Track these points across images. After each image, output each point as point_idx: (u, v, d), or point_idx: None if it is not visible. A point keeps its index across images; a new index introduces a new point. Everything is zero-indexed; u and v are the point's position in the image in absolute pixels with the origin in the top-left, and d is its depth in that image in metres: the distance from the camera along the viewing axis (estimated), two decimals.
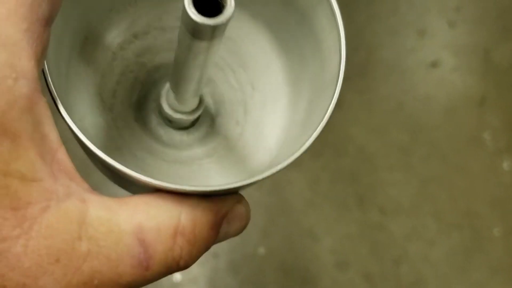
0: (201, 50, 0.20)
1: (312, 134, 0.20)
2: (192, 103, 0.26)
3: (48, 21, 0.17)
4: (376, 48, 0.72)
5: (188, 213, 0.19)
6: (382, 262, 0.63)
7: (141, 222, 0.18)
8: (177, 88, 0.24)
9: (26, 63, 0.16)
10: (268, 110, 0.27)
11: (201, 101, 0.26)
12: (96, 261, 0.17)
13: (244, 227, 0.22)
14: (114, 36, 0.27)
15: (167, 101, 0.26)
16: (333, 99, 0.20)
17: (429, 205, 0.65)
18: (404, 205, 0.65)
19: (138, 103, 0.28)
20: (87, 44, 0.26)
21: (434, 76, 0.71)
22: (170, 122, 0.27)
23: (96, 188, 0.18)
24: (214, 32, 0.18)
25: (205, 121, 0.28)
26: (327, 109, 0.20)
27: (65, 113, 0.19)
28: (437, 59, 0.71)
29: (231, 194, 0.21)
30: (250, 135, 0.28)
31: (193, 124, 0.28)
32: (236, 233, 0.22)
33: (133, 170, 0.19)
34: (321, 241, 0.63)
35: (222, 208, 0.20)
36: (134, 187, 0.21)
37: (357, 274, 0.62)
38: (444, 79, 0.71)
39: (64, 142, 0.18)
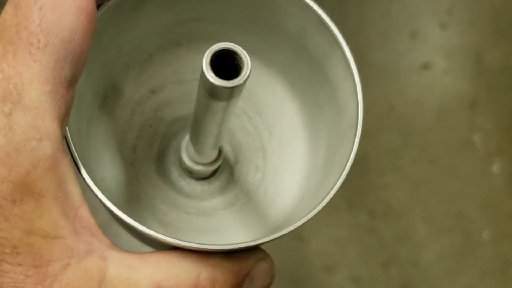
0: (219, 109, 0.20)
1: (330, 191, 0.21)
2: (212, 154, 0.26)
3: (71, 83, 0.18)
4: (368, 50, 0.72)
5: (208, 273, 0.19)
6: (371, 265, 0.62)
7: (161, 281, 0.18)
8: (197, 143, 0.25)
9: (49, 125, 0.17)
10: (287, 155, 0.28)
11: (220, 152, 0.27)
12: None
13: (268, 285, 0.22)
14: (132, 93, 0.28)
15: (187, 153, 0.27)
16: (352, 152, 0.21)
17: (419, 208, 0.65)
18: (395, 208, 0.65)
19: (159, 157, 0.28)
20: (107, 102, 0.27)
21: (426, 79, 0.70)
22: (190, 173, 0.28)
23: (116, 237, 0.19)
24: (232, 93, 0.19)
25: (225, 169, 0.28)
26: (347, 162, 0.21)
27: (89, 178, 0.19)
28: (429, 61, 0.71)
29: (254, 250, 0.21)
30: (270, 181, 0.28)
31: (213, 173, 0.28)
32: None
33: (156, 225, 0.19)
34: (309, 243, 0.63)
35: (244, 268, 0.21)
36: (156, 244, 0.21)
37: (346, 278, 0.62)
38: (436, 82, 0.70)
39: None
